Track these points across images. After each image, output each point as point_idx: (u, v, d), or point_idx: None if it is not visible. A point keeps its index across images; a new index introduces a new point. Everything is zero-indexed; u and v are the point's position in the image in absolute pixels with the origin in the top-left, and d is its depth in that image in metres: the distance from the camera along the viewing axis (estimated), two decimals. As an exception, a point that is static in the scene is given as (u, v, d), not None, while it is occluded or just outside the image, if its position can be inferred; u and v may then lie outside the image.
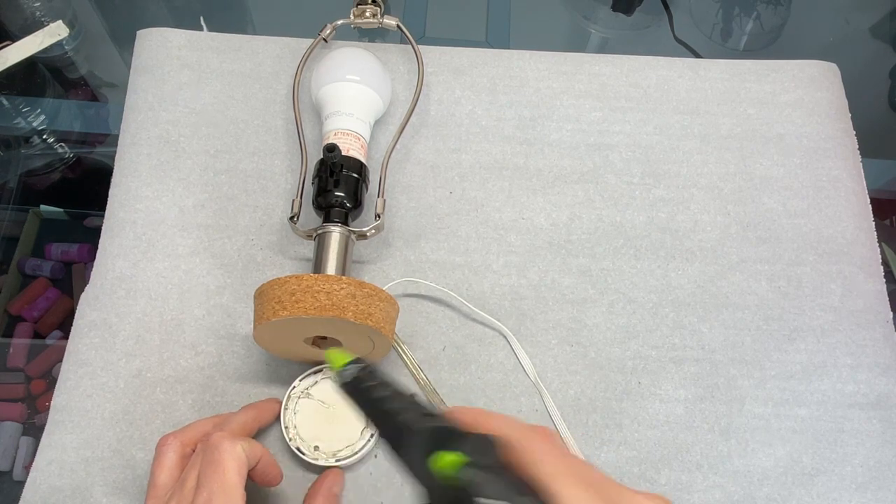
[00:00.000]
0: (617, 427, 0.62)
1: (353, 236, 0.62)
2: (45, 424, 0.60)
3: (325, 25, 0.75)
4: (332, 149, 0.59)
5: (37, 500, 0.57)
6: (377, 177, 0.68)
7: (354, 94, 0.68)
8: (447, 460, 0.36)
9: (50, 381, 0.70)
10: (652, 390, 0.64)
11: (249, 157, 0.71)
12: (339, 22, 0.76)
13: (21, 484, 0.64)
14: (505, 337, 0.65)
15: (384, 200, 0.66)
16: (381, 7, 0.77)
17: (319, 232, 0.61)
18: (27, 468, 0.66)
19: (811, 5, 0.96)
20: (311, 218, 0.65)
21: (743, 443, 0.62)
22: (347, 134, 0.65)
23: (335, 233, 0.61)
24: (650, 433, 0.62)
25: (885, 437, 0.63)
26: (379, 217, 0.64)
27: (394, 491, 0.59)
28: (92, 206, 0.81)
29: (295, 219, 0.64)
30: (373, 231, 0.64)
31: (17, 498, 0.58)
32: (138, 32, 0.78)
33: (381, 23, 0.76)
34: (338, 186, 0.62)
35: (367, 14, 0.76)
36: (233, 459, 0.48)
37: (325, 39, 0.75)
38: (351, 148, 0.64)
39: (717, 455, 0.61)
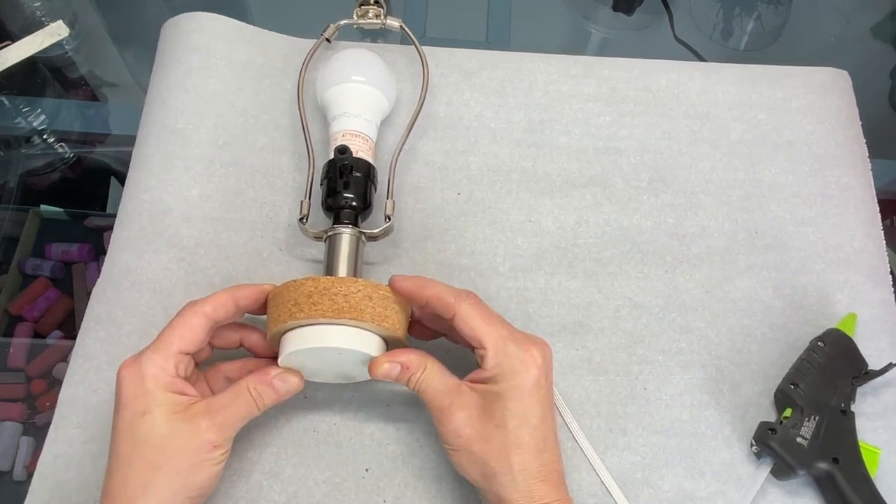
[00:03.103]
0: (621, 431, 0.65)
1: (363, 237, 0.65)
2: (45, 424, 0.62)
3: (328, 25, 0.78)
4: (343, 150, 0.62)
5: (44, 493, 0.59)
6: (385, 177, 0.70)
7: (361, 95, 0.70)
8: None
9: (50, 381, 0.73)
10: (657, 395, 0.66)
11: (257, 152, 0.73)
12: (342, 22, 0.78)
13: (21, 484, 0.68)
14: None
15: (394, 202, 0.68)
16: (383, 7, 0.79)
17: (330, 234, 0.64)
18: (27, 468, 0.69)
19: (812, 5, 0.98)
20: (319, 219, 0.67)
21: (746, 450, 0.64)
22: (356, 135, 0.68)
23: (346, 234, 0.63)
24: (655, 438, 0.65)
25: (892, 448, 0.65)
26: (389, 219, 0.67)
27: (395, 491, 0.61)
28: (92, 206, 0.84)
29: (304, 220, 0.67)
30: (383, 233, 0.66)
31: (18, 497, 0.59)
32: (164, 24, 0.80)
33: (384, 24, 0.79)
34: (347, 188, 0.64)
35: (371, 14, 0.79)
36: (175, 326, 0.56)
37: (328, 40, 0.78)
38: (360, 149, 0.67)
39: (721, 462, 0.64)
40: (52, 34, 0.87)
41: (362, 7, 0.79)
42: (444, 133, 0.77)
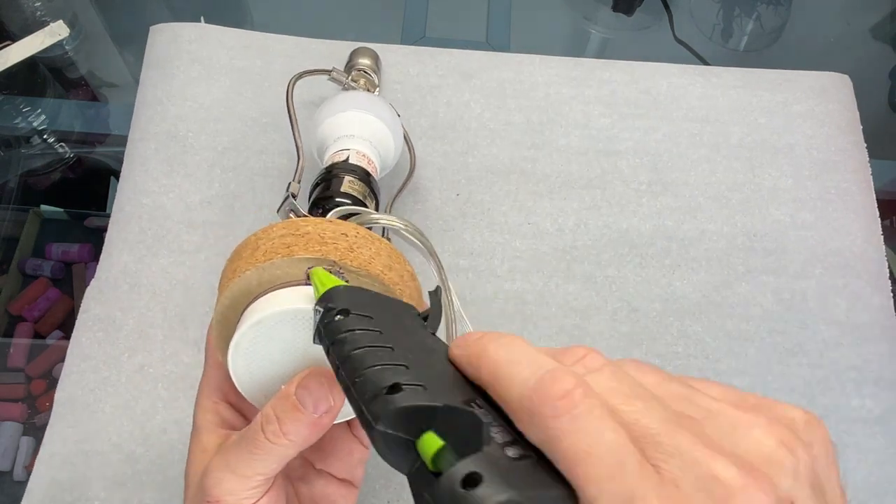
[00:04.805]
0: (619, 434, 0.65)
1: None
2: (45, 424, 0.62)
3: (333, 68, 0.72)
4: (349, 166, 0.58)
5: (40, 492, 0.60)
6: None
7: (371, 125, 0.64)
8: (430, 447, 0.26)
9: (50, 381, 0.73)
10: (655, 399, 0.67)
11: (257, 155, 0.74)
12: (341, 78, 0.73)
13: (21, 484, 0.68)
14: None
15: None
16: (375, 75, 0.76)
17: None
18: (27, 468, 0.69)
19: (812, 6, 0.98)
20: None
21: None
22: (362, 154, 0.62)
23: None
24: (652, 441, 0.65)
25: (889, 453, 0.65)
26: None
27: (392, 492, 0.61)
28: (92, 206, 0.84)
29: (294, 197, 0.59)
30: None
31: (18, 497, 0.60)
32: (151, 28, 0.80)
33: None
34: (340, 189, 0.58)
35: (362, 83, 0.74)
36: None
37: (328, 71, 0.72)
38: (361, 163, 0.61)
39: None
40: (52, 34, 0.87)
41: (356, 72, 0.75)
42: (444, 134, 0.77)
